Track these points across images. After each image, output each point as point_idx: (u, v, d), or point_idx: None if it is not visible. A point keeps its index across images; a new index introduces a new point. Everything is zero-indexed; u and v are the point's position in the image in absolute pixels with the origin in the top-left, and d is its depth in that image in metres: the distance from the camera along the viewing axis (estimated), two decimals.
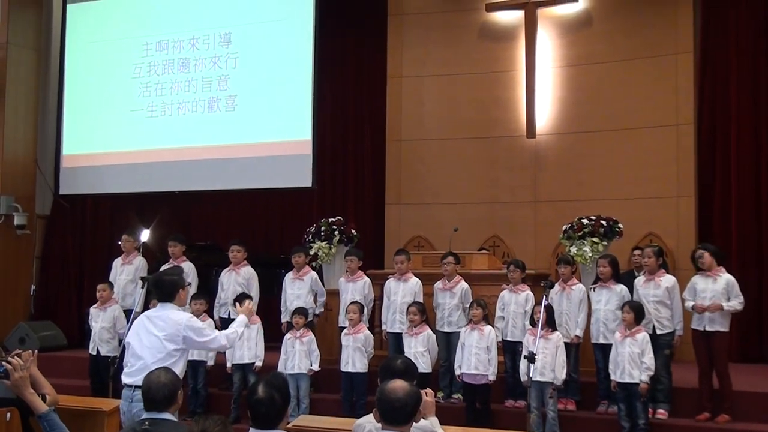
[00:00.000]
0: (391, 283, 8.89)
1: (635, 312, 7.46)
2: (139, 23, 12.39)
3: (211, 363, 8.87)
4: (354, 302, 8.62)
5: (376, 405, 3.86)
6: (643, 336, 7.41)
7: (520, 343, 8.08)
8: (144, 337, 5.57)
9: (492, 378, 7.96)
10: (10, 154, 11.92)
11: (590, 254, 8.96)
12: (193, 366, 8.51)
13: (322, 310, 9.27)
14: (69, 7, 12.81)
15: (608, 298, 8.01)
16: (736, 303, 7.60)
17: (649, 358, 7.33)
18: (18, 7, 12.08)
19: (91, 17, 12.68)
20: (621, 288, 8.02)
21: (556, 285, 8.32)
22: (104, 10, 12.60)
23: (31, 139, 12.40)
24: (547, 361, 7.57)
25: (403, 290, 8.76)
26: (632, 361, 7.35)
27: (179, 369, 5.57)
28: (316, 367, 8.49)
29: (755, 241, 10.46)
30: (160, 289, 5.81)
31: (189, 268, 9.51)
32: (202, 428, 3.59)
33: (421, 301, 8.56)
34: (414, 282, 8.78)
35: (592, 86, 11.54)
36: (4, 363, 4.65)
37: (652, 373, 7.34)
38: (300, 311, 8.67)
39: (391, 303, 8.80)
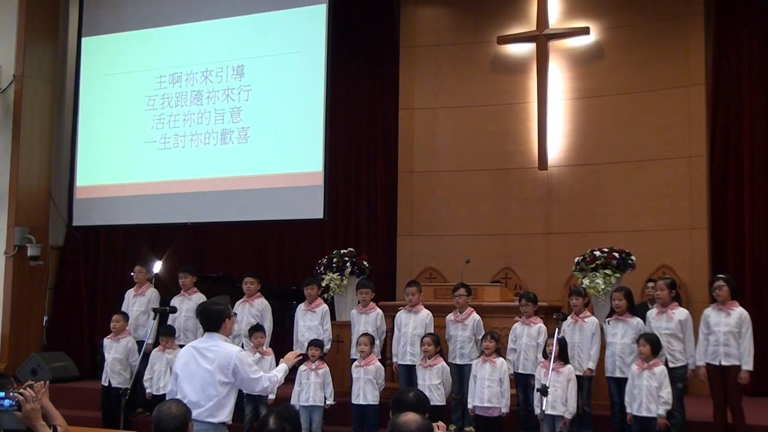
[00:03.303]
0: (402, 315, 8.88)
1: (651, 344, 7.41)
2: (153, 56, 12.49)
3: None
4: (365, 334, 8.61)
5: None
6: (661, 369, 7.36)
7: (532, 375, 8.07)
8: (196, 372, 5.50)
9: (505, 410, 7.93)
10: (24, 186, 11.97)
11: (603, 286, 8.94)
12: None
13: (329, 347, 9.23)
14: (83, 40, 12.93)
15: (624, 332, 7.97)
16: (749, 345, 7.55)
17: (666, 392, 7.27)
18: (33, 40, 12.19)
19: (105, 50, 12.78)
20: (637, 321, 7.99)
21: (569, 317, 8.29)
22: (118, 44, 12.70)
23: (45, 170, 12.46)
24: (559, 395, 7.54)
25: (414, 322, 8.75)
26: (650, 395, 7.31)
27: (230, 406, 5.54)
28: (331, 401, 8.47)
29: None
30: (207, 318, 5.73)
31: (200, 300, 9.52)
32: None
33: (433, 332, 8.55)
34: (425, 314, 8.77)
35: (604, 118, 11.57)
36: (16, 394, 4.66)
37: (669, 407, 7.29)
38: (315, 343, 8.65)
39: (402, 335, 8.79)
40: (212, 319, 5.69)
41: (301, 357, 6.40)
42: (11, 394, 4.69)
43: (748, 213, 10.58)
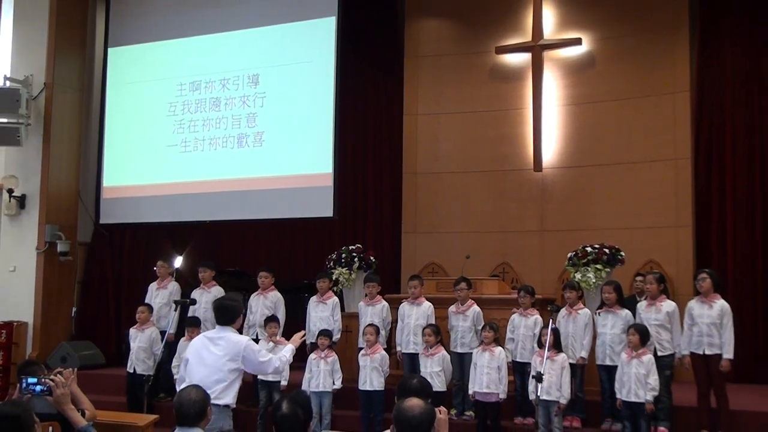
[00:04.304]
0: (405, 307, 8.87)
1: (640, 334, 7.41)
2: (174, 65, 12.51)
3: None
4: (371, 325, 8.60)
5: (394, 421, 3.84)
6: (648, 358, 7.35)
7: (529, 363, 8.05)
8: (206, 357, 5.57)
9: (502, 396, 7.93)
10: (54, 186, 12.00)
11: (594, 280, 8.92)
12: None
13: (338, 336, 9.22)
14: (110, 50, 12.97)
15: (613, 323, 7.97)
16: (729, 336, 7.54)
17: (654, 379, 7.27)
18: (63, 50, 12.22)
19: (130, 60, 12.81)
20: (626, 313, 7.99)
21: (563, 309, 8.29)
22: (142, 54, 12.73)
23: (74, 172, 12.48)
24: (554, 381, 7.52)
25: (416, 313, 8.74)
26: (638, 382, 7.30)
27: (234, 391, 5.60)
28: (338, 385, 8.47)
29: (750, 268, 10.37)
30: (223, 312, 5.79)
31: (218, 293, 9.54)
32: None
33: (434, 323, 8.54)
34: (426, 306, 8.76)
35: (595, 123, 11.54)
36: (47, 380, 4.67)
37: (656, 393, 7.28)
38: (325, 333, 8.66)
39: (405, 325, 8.78)
40: (228, 314, 5.77)
41: (305, 337, 6.42)
42: (42, 380, 4.72)
43: (731, 212, 10.57)
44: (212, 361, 5.53)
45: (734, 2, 10.90)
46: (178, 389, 5.68)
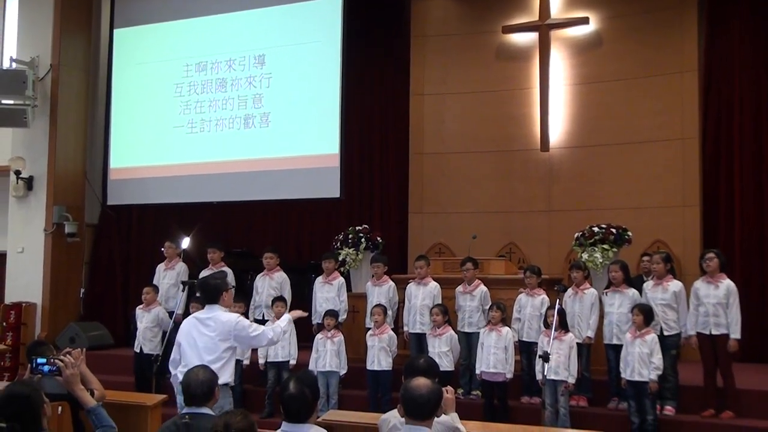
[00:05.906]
0: (411, 287, 8.89)
1: (644, 314, 7.41)
2: (180, 46, 12.46)
3: (246, 362, 8.88)
4: (378, 305, 8.61)
5: (401, 401, 3.86)
6: (652, 337, 7.37)
7: (536, 343, 8.06)
8: (198, 339, 5.60)
9: (509, 376, 7.96)
10: (61, 168, 12.03)
11: (601, 260, 8.92)
12: None
13: (345, 316, 9.24)
14: (116, 31, 12.92)
15: (621, 302, 7.97)
16: (736, 316, 7.55)
17: (657, 358, 7.29)
18: (69, 32, 12.20)
19: (136, 41, 12.76)
20: (633, 292, 7.98)
21: (569, 289, 8.28)
22: (148, 35, 12.69)
23: (81, 153, 12.50)
24: (561, 361, 7.54)
25: (422, 293, 8.76)
26: (642, 361, 7.31)
27: (230, 369, 5.64)
28: (345, 369, 8.51)
29: (758, 248, 10.35)
30: (205, 291, 5.86)
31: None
32: (225, 422, 3.61)
33: (440, 303, 8.55)
34: (433, 286, 8.78)
35: (602, 103, 11.49)
36: (56, 360, 4.70)
37: (660, 372, 7.30)
38: (331, 313, 8.68)
39: (411, 306, 8.81)
40: (210, 293, 5.81)
41: (304, 316, 6.45)
42: (52, 360, 4.74)
43: (738, 191, 10.53)
44: (204, 342, 5.57)
45: None
46: (172, 371, 5.75)
